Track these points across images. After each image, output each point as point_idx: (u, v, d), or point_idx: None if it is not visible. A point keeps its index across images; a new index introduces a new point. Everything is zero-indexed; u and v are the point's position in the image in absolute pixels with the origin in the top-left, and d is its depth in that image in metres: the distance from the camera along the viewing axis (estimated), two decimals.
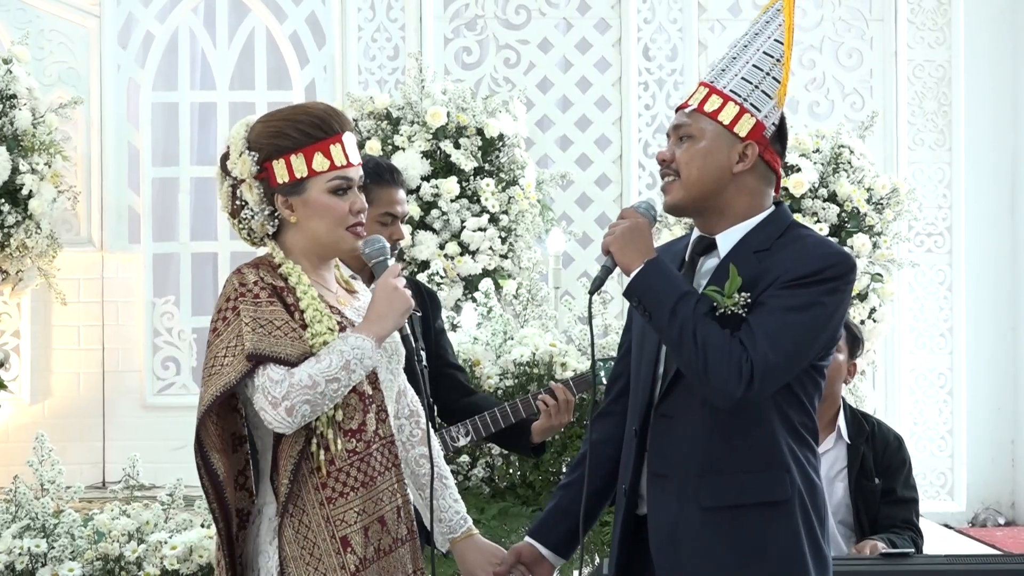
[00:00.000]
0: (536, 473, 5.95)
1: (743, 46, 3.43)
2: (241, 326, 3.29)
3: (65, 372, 9.04)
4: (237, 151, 3.43)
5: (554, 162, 9.47)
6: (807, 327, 3.27)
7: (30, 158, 8.20)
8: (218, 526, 3.39)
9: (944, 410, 9.58)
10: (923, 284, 9.57)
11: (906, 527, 5.09)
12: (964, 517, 9.56)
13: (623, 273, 3.37)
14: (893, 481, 5.13)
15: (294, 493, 3.32)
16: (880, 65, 9.60)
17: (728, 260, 3.36)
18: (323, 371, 3.28)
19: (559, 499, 3.63)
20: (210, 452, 3.35)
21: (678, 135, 3.41)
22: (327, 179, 3.39)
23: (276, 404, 3.26)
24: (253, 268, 3.38)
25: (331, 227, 3.41)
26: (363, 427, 3.38)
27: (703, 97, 3.40)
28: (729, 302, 3.28)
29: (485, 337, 6.13)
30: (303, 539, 3.31)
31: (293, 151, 3.38)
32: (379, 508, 3.39)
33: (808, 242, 3.36)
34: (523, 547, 3.61)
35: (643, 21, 9.50)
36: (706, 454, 3.31)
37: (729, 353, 3.23)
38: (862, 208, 8.37)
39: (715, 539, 3.30)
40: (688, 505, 3.32)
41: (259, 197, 3.40)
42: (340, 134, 3.41)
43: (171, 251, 9.29)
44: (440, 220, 8.35)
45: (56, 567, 5.12)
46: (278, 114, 3.45)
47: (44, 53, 9.06)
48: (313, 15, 9.33)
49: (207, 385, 3.33)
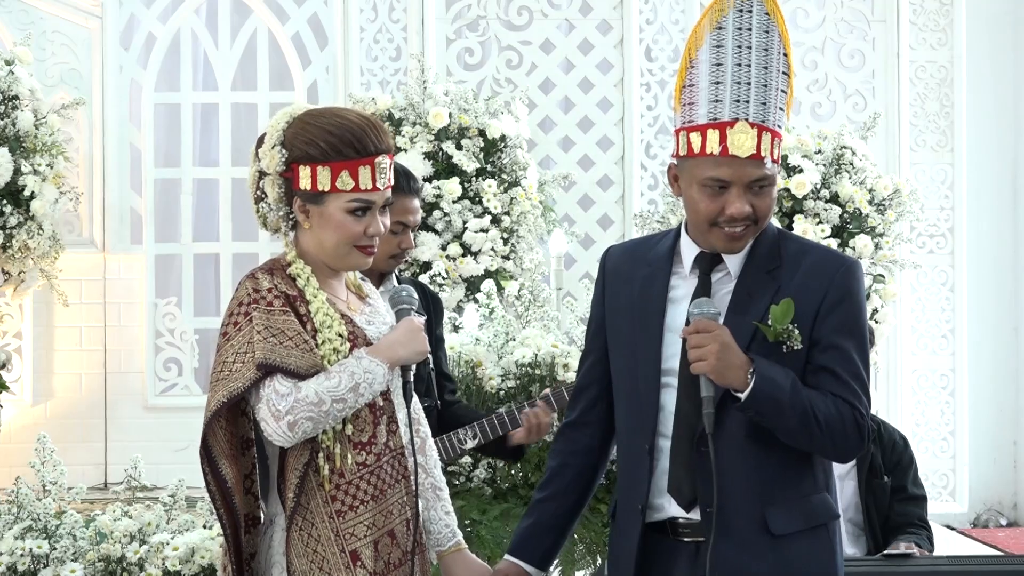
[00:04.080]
0: (539, 474, 5.94)
1: (763, 68, 3.32)
2: (253, 333, 3.26)
3: (67, 373, 9.04)
4: (271, 142, 3.36)
5: (556, 163, 9.46)
6: (867, 352, 3.36)
7: (32, 159, 8.20)
8: (225, 532, 3.35)
9: (946, 411, 9.57)
10: (925, 285, 9.56)
11: (921, 526, 5.10)
12: (966, 518, 9.55)
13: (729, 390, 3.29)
14: (903, 479, 5.15)
15: (301, 505, 3.29)
16: (882, 66, 9.60)
17: (744, 280, 3.35)
18: (331, 389, 3.25)
19: (538, 515, 3.59)
20: (218, 458, 3.32)
21: (758, 185, 3.30)
22: (347, 199, 3.33)
23: (279, 417, 3.23)
24: (268, 274, 3.35)
25: (341, 243, 3.36)
26: (373, 439, 3.35)
27: (770, 144, 3.30)
28: (783, 337, 3.28)
29: (487, 338, 6.12)
30: (312, 552, 3.28)
31: (321, 162, 3.32)
32: (389, 521, 3.35)
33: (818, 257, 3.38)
34: (506, 567, 3.57)
35: (645, 22, 9.50)
36: (764, 483, 3.31)
37: (843, 421, 3.29)
38: (864, 209, 8.37)
39: (783, 566, 3.30)
40: (756, 536, 3.30)
41: (278, 195, 3.36)
42: (374, 156, 3.33)
43: (173, 252, 9.29)
44: (442, 221, 8.35)
45: (58, 568, 5.12)
46: (320, 118, 3.37)
47: (46, 54, 9.06)
48: (315, 16, 9.33)
49: (215, 390, 3.29)
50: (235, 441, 3.39)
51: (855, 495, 5.13)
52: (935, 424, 9.56)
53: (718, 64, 3.33)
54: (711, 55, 3.34)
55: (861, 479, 5.12)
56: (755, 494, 3.30)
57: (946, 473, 9.56)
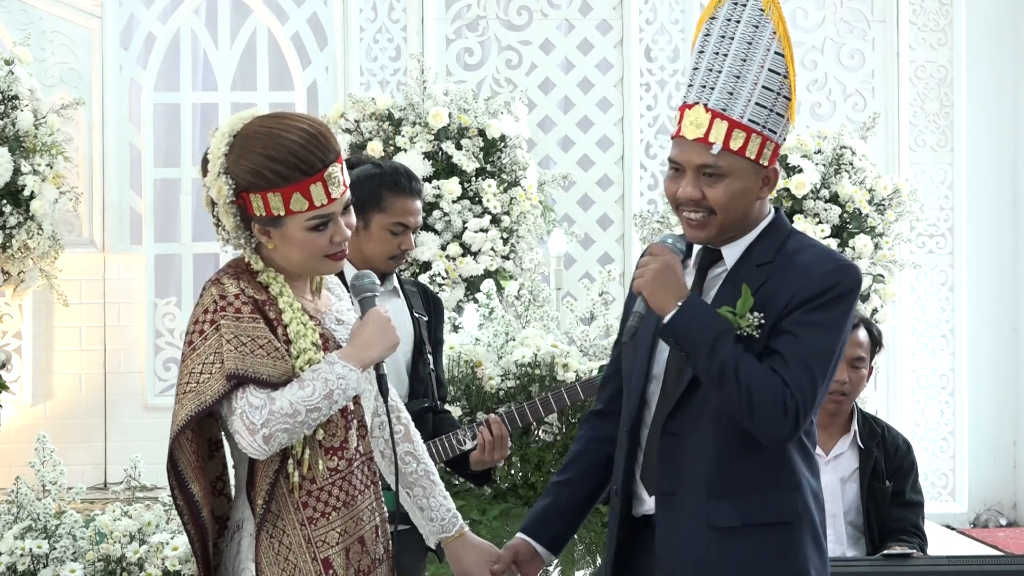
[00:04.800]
0: (538, 474, 5.95)
1: (741, 59, 3.28)
2: (221, 342, 3.15)
3: (67, 373, 9.04)
4: (215, 170, 3.21)
5: (556, 163, 9.47)
6: (831, 350, 3.25)
7: (32, 159, 8.20)
8: (194, 547, 3.28)
9: (946, 411, 9.57)
10: (925, 285, 9.57)
11: (915, 533, 5.10)
12: (966, 518, 9.55)
13: (657, 314, 3.28)
14: (903, 483, 5.15)
15: (272, 512, 3.21)
16: (882, 66, 9.60)
17: (734, 274, 3.33)
18: (305, 399, 3.16)
19: (554, 496, 3.59)
20: (184, 470, 3.23)
21: (702, 172, 3.28)
22: (305, 218, 3.20)
23: (254, 431, 3.14)
24: (234, 279, 3.23)
25: (308, 258, 3.26)
26: (345, 444, 3.28)
27: (725, 132, 3.27)
28: (743, 323, 3.24)
29: (487, 338, 6.13)
30: (283, 560, 3.21)
31: (270, 189, 3.17)
32: (359, 528, 3.29)
33: (812, 255, 3.32)
34: (519, 544, 3.56)
35: (645, 22, 9.50)
36: (716, 474, 3.28)
37: (772, 393, 3.19)
38: (864, 209, 8.37)
39: (724, 560, 3.27)
40: (698, 525, 3.28)
41: (235, 224, 3.22)
42: (322, 171, 3.18)
43: (173, 252, 9.29)
44: (442, 221, 8.35)
45: (58, 568, 5.12)
46: (258, 139, 3.20)
47: (46, 54, 9.06)
48: (315, 16, 9.33)
49: (181, 403, 3.21)
50: (202, 451, 3.30)
51: (856, 498, 5.13)
52: (935, 424, 9.56)
53: (700, 51, 3.34)
54: (699, 42, 3.35)
55: (863, 482, 5.12)
56: (706, 484, 3.28)
57: (946, 473, 9.57)
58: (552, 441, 5.90)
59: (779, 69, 3.30)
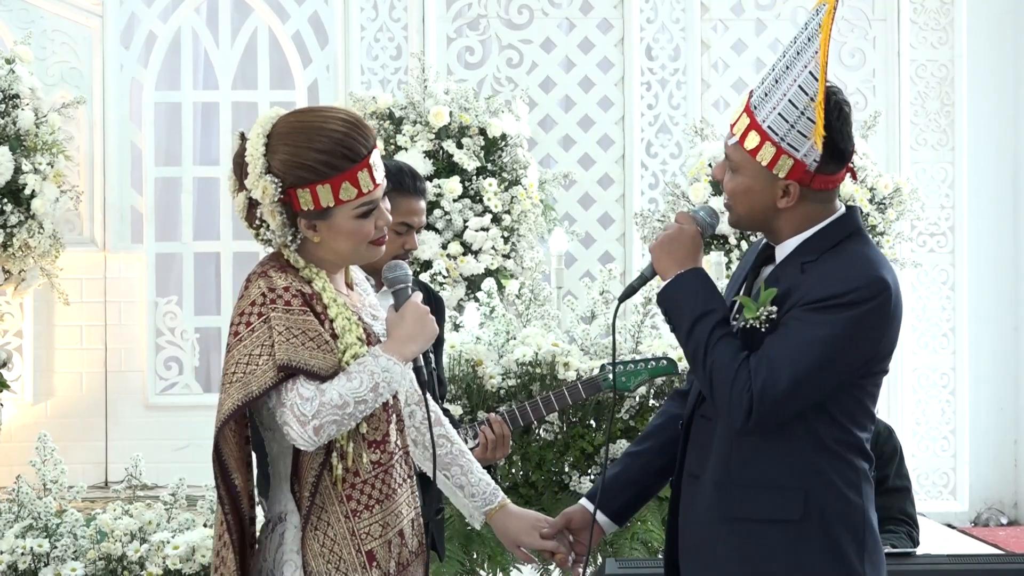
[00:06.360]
0: (539, 473, 5.94)
1: (785, 66, 3.28)
2: (272, 334, 3.17)
3: (68, 372, 9.05)
4: (256, 171, 3.23)
5: (556, 162, 9.47)
6: (818, 356, 3.17)
7: (33, 158, 8.21)
8: (232, 536, 3.28)
9: (947, 410, 9.57)
10: (926, 284, 9.57)
11: (902, 519, 5.06)
12: (966, 517, 9.56)
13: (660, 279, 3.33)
14: (886, 469, 5.10)
15: (317, 505, 3.24)
16: (883, 65, 9.60)
17: (778, 270, 3.31)
18: (353, 391, 3.18)
19: (624, 467, 3.56)
20: (228, 461, 3.25)
21: (727, 158, 3.34)
22: (353, 206, 3.24)
23: (305, 423, 3.16)
24: (281, 272, 3.25)
25: (355, 246, 3.30)
26: (387, 438, 3.31)
27: (745, 129, 3.28)
28: (752, 314, 3.23)
29: (487, 337, 6.12)
30: (329, 552, 3.24)
31: (319, 181, 3.21)
32: (399, 521, 3.32)
33: (847, 260, 3.26)
34: (575, 511, 3.55)
35: (646, 21, 9.50)
36: (724, 464, 3.28)
37: (733, 382, 3.18)
38: (865, 208, 8.37)
39: (728, 550, 3.27)
40: (708, 512, 3.30)
41: (282, 222, 3.25)
42: (367, 157, 3.24)
43: (174, 251, 9.30)
44: (443, 220, 8.35)
45: (59, 567, 5.12)
46: (299, 136, 3.23)
47: (47, 53, 9.07)
48: (316, 15, 9.33)
49: (228, 393, 3.20)
50: (243, 443, 3.32)
51: None
52: (936, 423, 9.56)
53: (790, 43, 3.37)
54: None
55: None
56: (720, 472, 3.28)
57: (946, 472, 9.57)
58: (553, 440, 5.90)
59: (808, 90, 3.28)
